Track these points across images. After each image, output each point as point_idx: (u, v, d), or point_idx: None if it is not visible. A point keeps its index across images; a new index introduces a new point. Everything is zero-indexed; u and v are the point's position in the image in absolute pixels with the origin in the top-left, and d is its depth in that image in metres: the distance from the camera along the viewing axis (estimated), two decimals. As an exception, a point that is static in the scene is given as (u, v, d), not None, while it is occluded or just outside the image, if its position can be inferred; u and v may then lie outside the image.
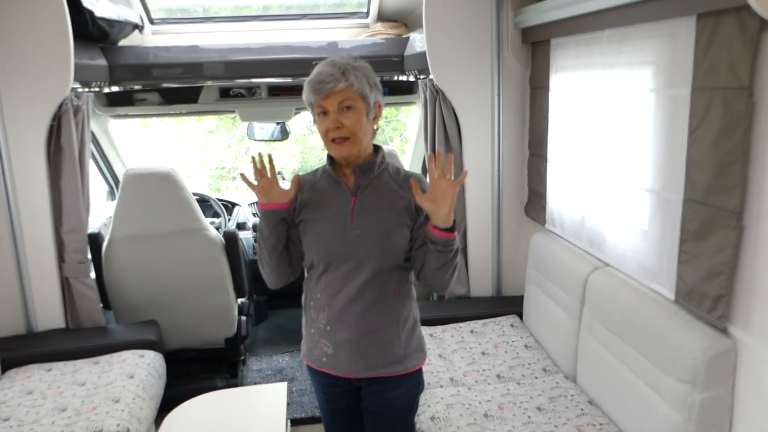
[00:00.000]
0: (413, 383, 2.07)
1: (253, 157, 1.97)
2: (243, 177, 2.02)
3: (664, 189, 2.07)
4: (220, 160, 10.55)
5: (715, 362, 1.81)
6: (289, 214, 1.99)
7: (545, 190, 3.04)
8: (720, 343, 1.82)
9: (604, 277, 2.45)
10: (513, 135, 3.29)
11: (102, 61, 3.28)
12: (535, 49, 3.08)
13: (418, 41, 3.39)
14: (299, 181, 2.03)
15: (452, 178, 1.82)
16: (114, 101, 3.98)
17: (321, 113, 1.86)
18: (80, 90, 3.08)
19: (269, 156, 1.97)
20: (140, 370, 2.81)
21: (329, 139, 1.88)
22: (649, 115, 2.15)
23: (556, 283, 2.79)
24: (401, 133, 10.03)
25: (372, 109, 1.89)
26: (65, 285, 3.16)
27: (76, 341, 3.07)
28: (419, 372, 2.09)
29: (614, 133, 2.41)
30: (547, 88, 2.94)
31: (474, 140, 3.27)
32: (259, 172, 1.95)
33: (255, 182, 1.96)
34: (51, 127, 2.99)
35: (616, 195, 2.42)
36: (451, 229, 1.84)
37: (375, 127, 1.94)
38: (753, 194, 1.72)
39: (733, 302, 1.82)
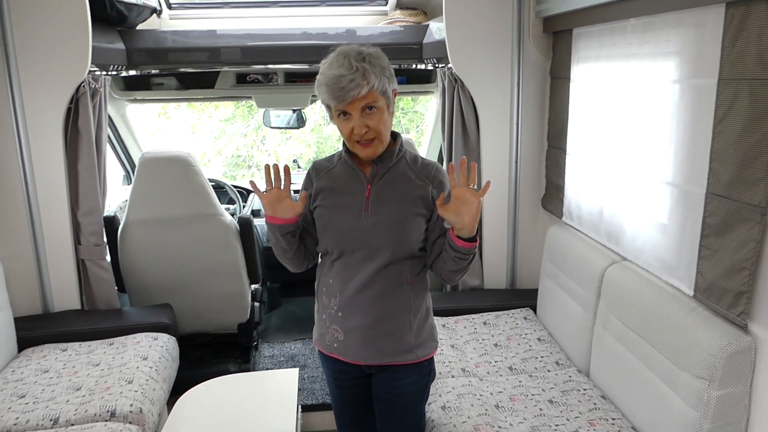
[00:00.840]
0: (424, 372, 2.06)
1: (267, 166, 1.92)
2: (252, 184, 1.99)
3: (686, 182, 2.03)
4: (236, 149, 10.57)
5: (734, 359, 1.78)
6: (305, 206, 1.96)
7: (563, 183, 3.01)
8: (739, 340, 1.78)
9: (621, 271, 2.42)
10: (532, 126, 3.25)
11: (120, 45, 3.28)
12: (557, 38, 3.04)
13: (437, 29, 3.35)
14: (315, 167, 2.02)
15: (476, 187, 1.76)
16: (131, 85, 3.99)
17: (341, 113, 1.83)
18: (98, 73, 3.08)
19: (285, 168, 1.93)
20: (154, 353, 2.83)
21: (353, 141, 1.86)
22: (672, 106, 2.11)
23: (572, 277, 2.76)
24: (417, 125, 9.99)
25: (391, 101, 1.87)
26: (81, 267, 3.19)
27: (91, 322, 3.10)
28: (430, 361, 2.08)
29: (636, 125, 2.37)
30: (568, 79, 2.90)
31: (492, 131, 3.24)
32: (271, 182, 1.92)
33: (264, 191, 1.93)
34: (68, 110, 3.01)
35: (636, 188, 2.38)
36: (473, 239, 1.81)
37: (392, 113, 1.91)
38: (778, 189, 1.69)
39: (754, 299, 1.78)
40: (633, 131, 2.39)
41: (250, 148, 10.65)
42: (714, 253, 1.89)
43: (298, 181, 5.07)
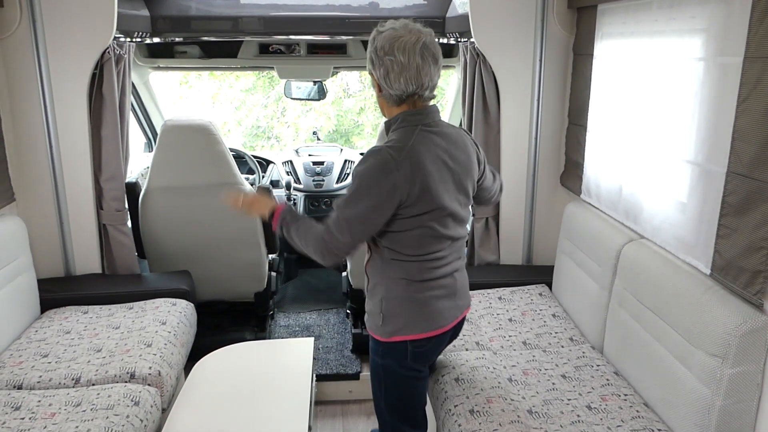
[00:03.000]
0: (378, 352, 2.14)
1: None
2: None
3: (707, 161, 2.02)
4: (256, 119, 10.60)
5: (748, 338, 1.79)
6: None
7: (583, 160, 2.99)
8: (754, 319, 1.79)
9: (638, 249, 2.41)
10: (552, 102, 3.23)
11: (144, 12, 3.30)
12: (581, 14, 3.00)
13: (460, 2, 3.32)
14: None
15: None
16: (155, 53, 4.01)
17: None
18: (122, 39, 3.10)
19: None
20: (172, 318, 2.89)
21: None
22: (696, 84, 2.09)
23: (589, 254, 2.76)
24: (438, 99, 9.93)
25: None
26: (103, 232, 3.24)
27: (111, 287, 3.16)
28: (382, 344, 2.11)
29: (658, 103, 2.35)
30: (591, 55, 2.87)
31: (513, 106, 3.22)
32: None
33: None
34: (93, 76, 3.03)
35: (656, 166, 2.37)
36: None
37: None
38: (800, 169, 1.67)
39: (771, 278, 1.78)
40: (655, 109, 2.37)
41: (270, 119, 10.67)
42: (732, 232, 1.88)
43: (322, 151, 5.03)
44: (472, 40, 3.14)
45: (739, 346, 1.79)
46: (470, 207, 2.19)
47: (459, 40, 3.38)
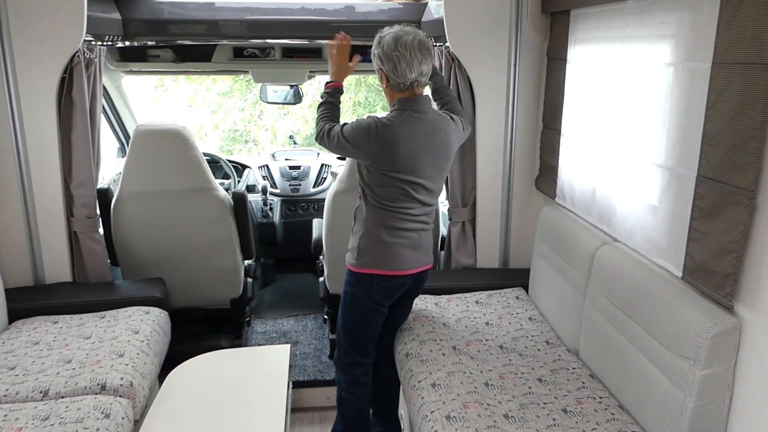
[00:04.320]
0: (350, 282, 2.61)
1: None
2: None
3: (678, 165, 2.04)
4: (233, 123, 10.53)
5: (719, 340, 1.80)
6: None
7: (557, 164, 3.01)
8: (725, 321, 1.80)
9: (612, 252, 2.43)
10: (527, 106, 3.25)
11: (116, 15, 3.25)
12: (555, 19, 3.02)
13: (435, 7, 3.33)
14: None
15: None
16: (127, 57, 3.96)
17: None
18: (93, 43, 3.06)
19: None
20: (145, 326, 2.84)
21: None
22: (666, 89, 2.10)
23: (564, 257, 2.78)
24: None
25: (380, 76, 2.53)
26: (73, 239, 3.18)
27: (82, 295, 3.11)
28: (354, 273, 2.58)
29: (630, 107, 2.37)
30: (564, 60, 2.89)
31: (488, 110, 3.23)
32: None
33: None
34: (62, 80, 2.98)
35: (629, 170, 2.38)
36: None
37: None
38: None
39: (741, 281, 1.80)
40: (627, 113, 2.39)
41: (248, 122, 10.61)
42: (703, 236, 1.90)
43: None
44: (447, 44, 3.14)
45: (710, 348, 1.81)
46: (442, 182, 2.64)
47: (434, 44, 3.38)
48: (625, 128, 2.41)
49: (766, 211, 1.71)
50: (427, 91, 2.70)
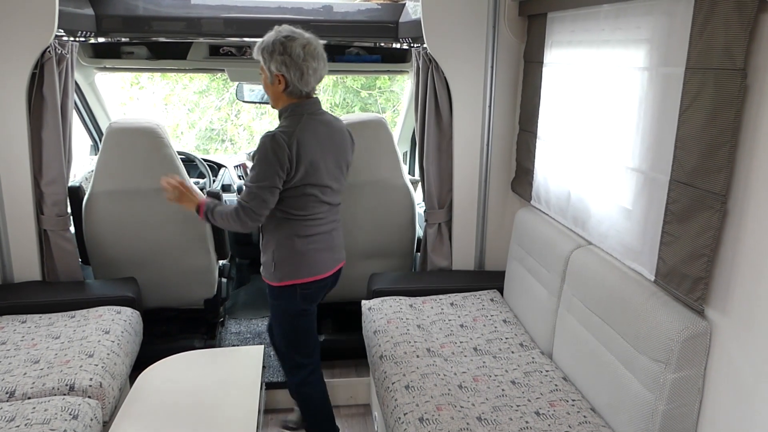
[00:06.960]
0: (273, 295, 2.60)
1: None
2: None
3: (652, 169, 2.05)
4: (209, 122, 10.43)
5: (689, 343, 1.82)
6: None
7: (533, 166, 3.02)
8: (695, 325, 1.82)
9: (586, 255, 2.44)
10: (504, 109, 3.26)
11: (89, 10, 3.20)
12: (532, 22, 3.03)
13: (413, 8, 3.33)
14: None
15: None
16: (100, 53, 3.89)
17: None
18: (65, 38, 3.00)
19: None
20: (116, 326, 2.79)
21: None
22: (640, 93, 2.12)
23: (539, 260, 2.79)
24: (394, 105, 9.95)
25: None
26: (43, 237, 3.13)
27: (52, 294, 3.05)
28: (275, 288, 2.57)
29: (605, 110, 2.38)
30: (541, 63, 2.90)
31: (465, 112, 3.23)
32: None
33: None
34: (33, 76, 2.92)
35: (603, 173, 2.40)
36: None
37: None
38: (739, 178, 1.71)
39: (712, 285, 1.82)
40: (602, 117, 2.40)
41: (224, 122, 10.51)
42: (675, 240, 1.91)
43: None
44: (424, 45, 3.14)
45: (681, 352, 1.82)
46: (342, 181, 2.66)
47: (412, 45, 3.38)
48: (600, 132, 2.42)
49: (737, 216, 1.73)
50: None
